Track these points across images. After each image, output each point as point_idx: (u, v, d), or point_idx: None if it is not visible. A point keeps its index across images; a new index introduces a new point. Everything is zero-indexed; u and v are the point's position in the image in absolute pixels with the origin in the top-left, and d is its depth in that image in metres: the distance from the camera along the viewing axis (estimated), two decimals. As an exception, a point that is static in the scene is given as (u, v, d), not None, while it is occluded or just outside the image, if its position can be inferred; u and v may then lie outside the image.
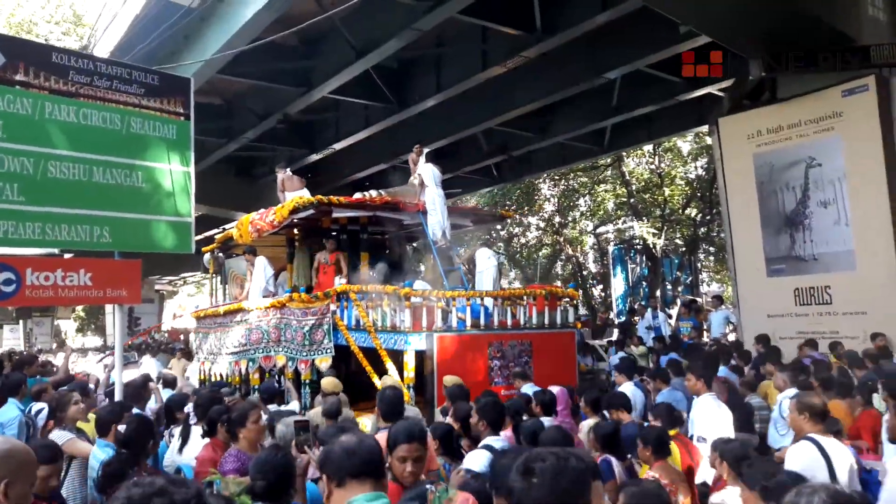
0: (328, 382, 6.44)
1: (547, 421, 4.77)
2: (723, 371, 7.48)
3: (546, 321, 8.10)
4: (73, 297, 5.88)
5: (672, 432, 4.37)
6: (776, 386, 5.97)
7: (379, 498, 1.97)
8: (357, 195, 9.22)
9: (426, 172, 9.04)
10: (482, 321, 7.67)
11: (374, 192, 9.33)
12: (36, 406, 5.96)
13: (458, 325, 7.56)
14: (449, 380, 6.41)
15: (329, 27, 10.99)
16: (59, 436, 4.53)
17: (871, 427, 4.91)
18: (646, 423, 4.84)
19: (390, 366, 7.35)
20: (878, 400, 5.17)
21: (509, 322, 7.82)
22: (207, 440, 4.47)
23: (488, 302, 7.79)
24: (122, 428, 4.21)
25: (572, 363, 8.21)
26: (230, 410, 4.30)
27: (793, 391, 5.18)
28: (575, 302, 9.26)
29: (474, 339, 7.48)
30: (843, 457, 3.55)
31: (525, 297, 8.32)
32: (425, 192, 8.97)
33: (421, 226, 9.19)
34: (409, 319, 7.37)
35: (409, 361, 7.27)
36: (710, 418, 4.87)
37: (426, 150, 9.72)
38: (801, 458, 3.49)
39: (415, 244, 11.73)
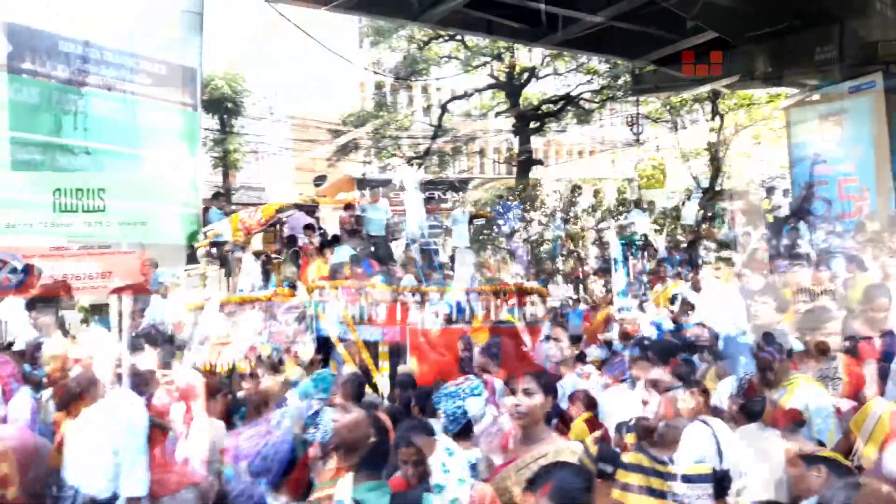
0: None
1: None
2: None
3: (516, 316, 8.40)
4: (80, 287, 5.90)
5: (586, 415, 4.99)
6: (717, 375, 6.29)
7: (380, 487, 2.03)
8: (340, 195, 9.74)
9: (407, 176, 9.67)
10: (454, 315, 7.97)
11: (356, 193, 9.73)
12: (46, 393, 5.98)
13: (431, 318, 7.87)
14: (403, 371, 6.71)
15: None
16: None
17: (785, 416, 5.28)
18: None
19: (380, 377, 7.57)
20: None
21: (480, 316, 8.10)
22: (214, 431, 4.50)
23: (461, 297, 8.12)
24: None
25: (539, 356, 8.43)
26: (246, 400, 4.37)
27: (728, 380, 5.55)
28: (544, 298, 9.62)
29: (445, 333, 7.75)
30: (729, 436, 3.83)
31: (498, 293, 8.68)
32: (405, 195, 9.51)
33: (401, 224, 9.73)
34: (385, 313, 7.70)
35: (384, 353, 7.59)
36: (618, 407, 5.39)
37: (408, 155, 10.18)
38: (696, 437, 3.76)
39: (396, 242, 12.07)
